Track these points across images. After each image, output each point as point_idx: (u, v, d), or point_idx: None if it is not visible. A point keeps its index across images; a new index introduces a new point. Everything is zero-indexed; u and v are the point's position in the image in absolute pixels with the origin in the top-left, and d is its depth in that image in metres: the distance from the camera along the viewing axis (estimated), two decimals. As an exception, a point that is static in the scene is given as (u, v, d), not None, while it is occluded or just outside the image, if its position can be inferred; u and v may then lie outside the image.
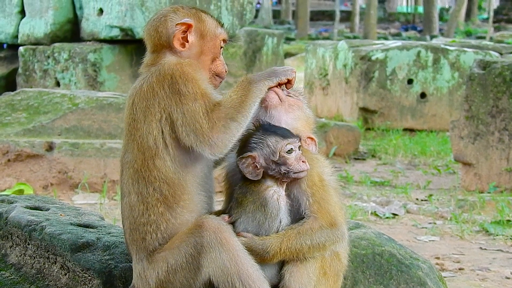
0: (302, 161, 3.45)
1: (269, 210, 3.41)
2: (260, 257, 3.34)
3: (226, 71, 3.70)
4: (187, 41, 3.58)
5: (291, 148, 3.45)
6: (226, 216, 3.43)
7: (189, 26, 3.58)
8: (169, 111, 3.36)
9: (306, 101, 3.75)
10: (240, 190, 3.49)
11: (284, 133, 3.48)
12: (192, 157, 3.43)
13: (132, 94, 3.50)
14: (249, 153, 3.44)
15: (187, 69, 3.43)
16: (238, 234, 3.37)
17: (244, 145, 3.49)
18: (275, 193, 3.44)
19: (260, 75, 3.52)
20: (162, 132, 3.38)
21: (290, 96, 3.66)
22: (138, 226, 3.42)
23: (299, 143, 3.49)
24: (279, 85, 3.56)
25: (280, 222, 3.42)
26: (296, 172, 3.43)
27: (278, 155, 3.42)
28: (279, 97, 3.57)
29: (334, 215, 3.48)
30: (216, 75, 3.67)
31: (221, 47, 3.68)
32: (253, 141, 3.47)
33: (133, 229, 3.44)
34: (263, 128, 3.49)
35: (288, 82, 3.58)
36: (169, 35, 3.58)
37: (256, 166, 3.43)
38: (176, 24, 3.58)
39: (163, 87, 3.38)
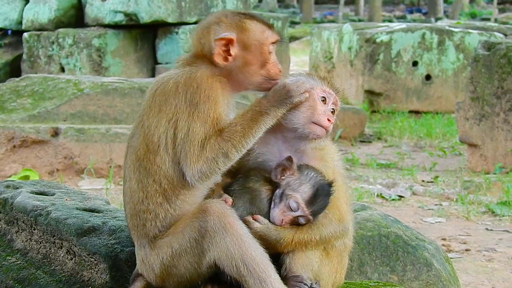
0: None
1: (260, 206, 3.42)
2: (272, 246, 3.36)
3: (280, 71, 3.52)
4: (230, 55, 3.44)
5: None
6: (229, 198, 3.42)
7: (230, 41, 3.44)
8: (179, 117, 3.33)
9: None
10: (244, 174, 3.50)
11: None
12: None
13: (158, 82, 3.46)
14: (293, 168, 3.42)
15: (215, 86, 3.36)
16: (254, 217, 3.38)
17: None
18: (267, 192, 3.44)
19: (273, 100, 3.40)
20: (167, 133, 3.36)
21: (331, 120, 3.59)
22: (138, 213, 3.41)
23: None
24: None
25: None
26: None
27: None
28: (326, 131, 3.53)
29: (343, 211, 3.51)
30: (270, 79, 3.49)
31: (270, 52, 3.49)
32: (297, 182, 3.43)
33: (133, 215, 3.43)
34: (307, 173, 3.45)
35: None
36: (211, 49, 3.44)
37: (284, 175, 3.43)
38: (216, 40, 3.43)
39: (186, 92, 3.33)
